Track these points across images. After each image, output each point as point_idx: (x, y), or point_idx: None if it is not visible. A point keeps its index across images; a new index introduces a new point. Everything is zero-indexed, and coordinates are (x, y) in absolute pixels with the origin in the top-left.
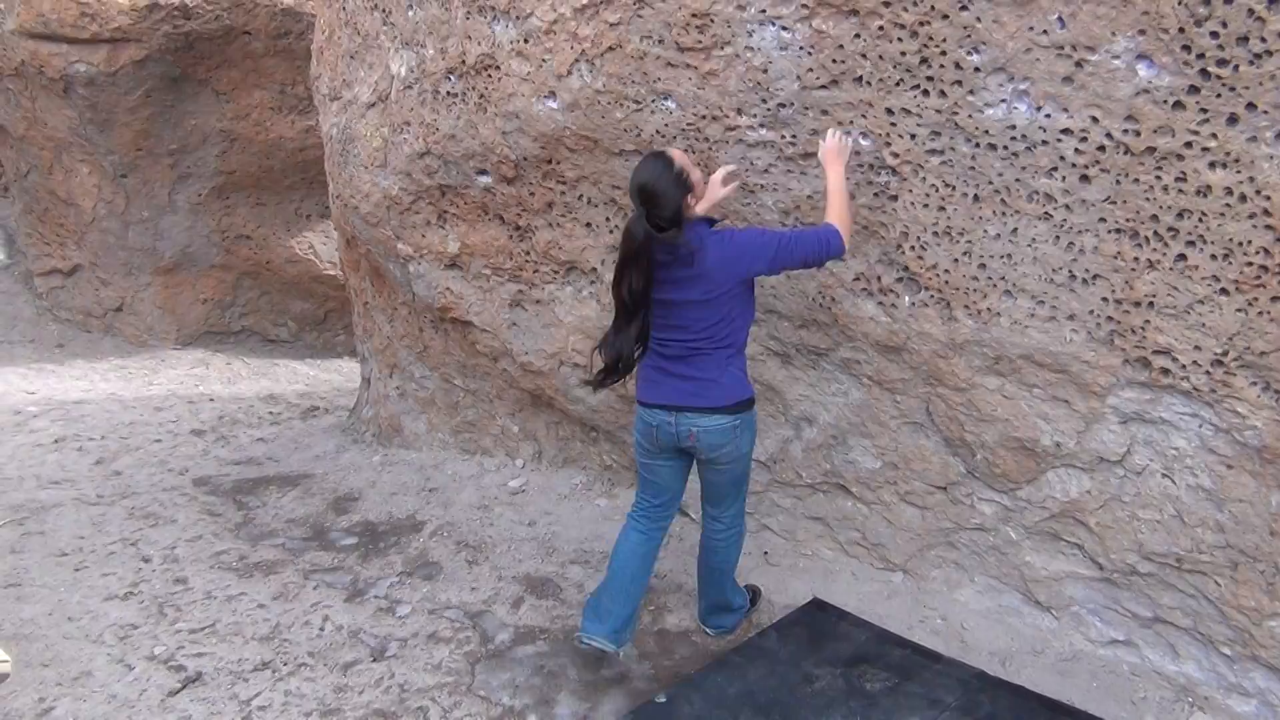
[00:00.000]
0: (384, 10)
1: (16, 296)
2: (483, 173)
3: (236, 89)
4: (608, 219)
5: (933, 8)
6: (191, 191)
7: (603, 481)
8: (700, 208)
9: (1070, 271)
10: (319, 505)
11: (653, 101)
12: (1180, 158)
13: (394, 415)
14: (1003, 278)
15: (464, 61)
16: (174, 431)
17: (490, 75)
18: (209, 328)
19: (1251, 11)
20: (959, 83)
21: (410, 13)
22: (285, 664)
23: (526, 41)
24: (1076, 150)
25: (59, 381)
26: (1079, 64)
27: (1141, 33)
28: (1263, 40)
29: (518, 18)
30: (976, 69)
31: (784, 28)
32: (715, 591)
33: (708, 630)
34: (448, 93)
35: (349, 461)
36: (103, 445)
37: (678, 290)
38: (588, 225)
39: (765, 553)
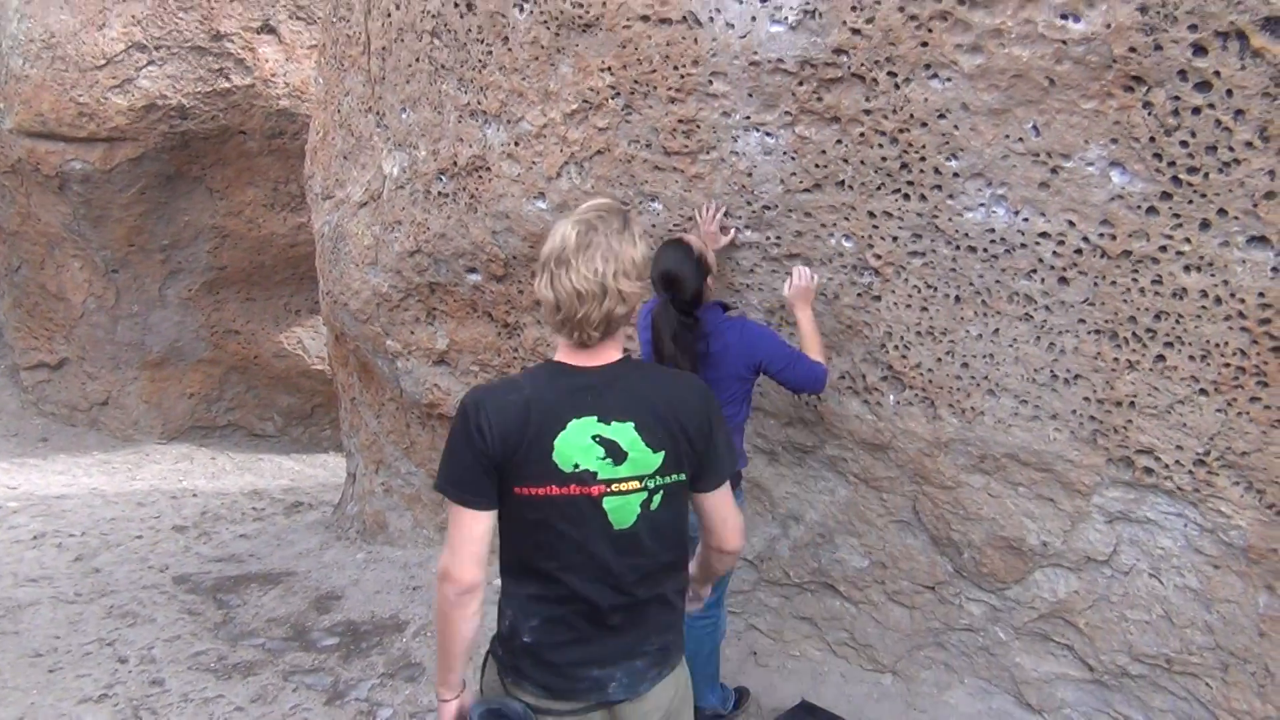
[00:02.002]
0: (378, 113)
1: (1, 390)
2: (472, 270)
3: (230, 186)
4: None
5: (912, 115)
6: (182, 286)
7: None
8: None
9: (1052, 371)
10: (301, 604)
11: (640, 203)
12: (1156, 261)
13: (379, 511)
14: (985, 377)
15: (455, 163)
16: (155, 527)
17: (481, 176)
18: (195, 422)
19: (1219, 122)
20: (939, 187)
21: (404, 115)
22: None
23: (517, 144)
24: (1054, 253)
25: (41, 476)
26: (1054, 170)
27: (1114, 141)
28: (1230, 149)
29: (509, 122)
30: (955, 174)
31: (768, 133)
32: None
33: None
34: (439, 193)
35: (332, 559)
36: (82, 542)
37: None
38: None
39: (754, 653)
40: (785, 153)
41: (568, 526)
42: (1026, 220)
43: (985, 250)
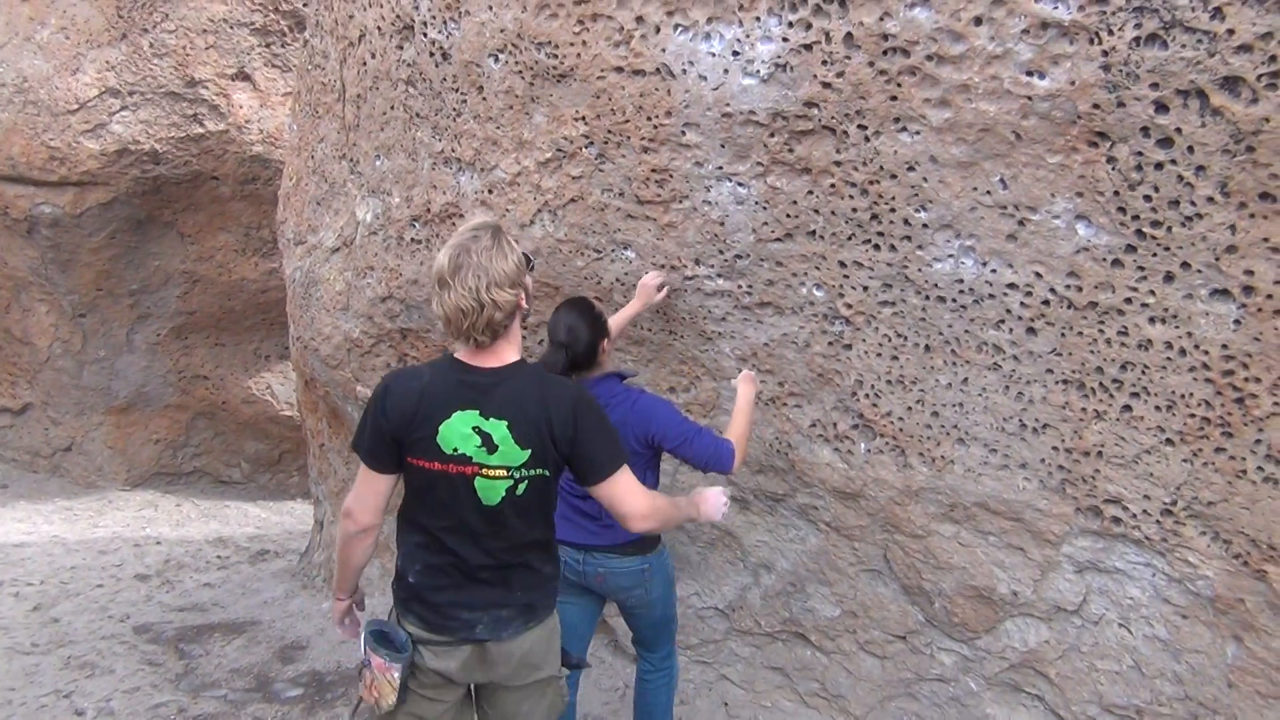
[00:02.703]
0: (352, 160)
1: None
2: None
3: (202, 231)
4: None
5: (881, 168)
6: (150, 331)
7: None
8: (636, 305)
9: (1020, 421)
10: (264, 654)
11: (613, 251)
12: (1121, 313)
13: None
14: (955, 426)
15: (429, 210)
16: (117, 576)
17: (455, 223)
18: (160, 468)
19: (1181, 178)
20: (908, 238)
21: (378, 163)
22: None
23: (491, 192)
24: (1022, 304)
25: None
26: (1021, 222)
27: (1079, 195)
28: (1193, 204)
29: (483, 169)
30: (924, 225)
31: (740, 183)
32: None
33: None
34: (412, 239)
35: (298, 608)
36: (41, 590)
37: None
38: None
39: (725, 703)
40: (757, 202)
41: (446, 497)
42: (994, 271)
43: (954, 300)
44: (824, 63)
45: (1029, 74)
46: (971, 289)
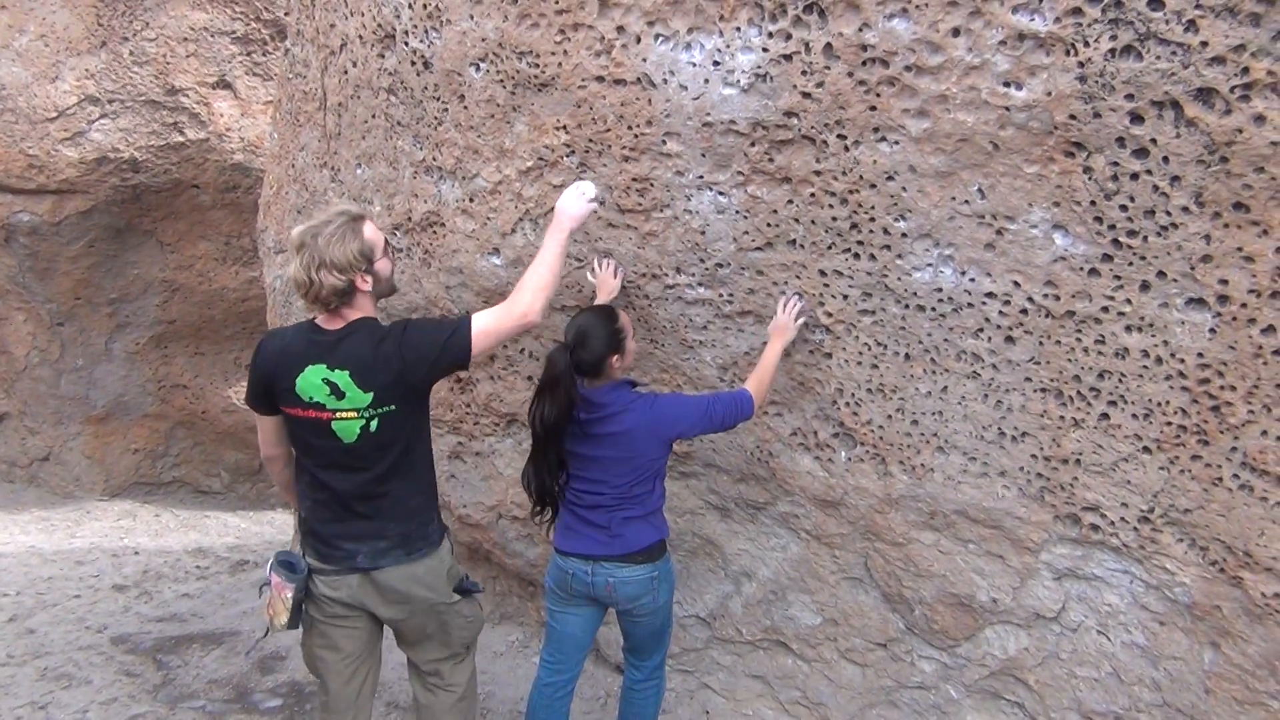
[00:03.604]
0: (333, 168)
1: None
2: None
3: (182, 240)
4: None
5: (861, 177)
6: (129, 340)
7: (540, 638)
8: (600, 299)
9: (999, 429)
10: (244, 664)
11: (596, 263)
12: (1098, 321)
13: None
14: (935, 434)
15: (410, 218)
16: (94, 586)
17: (435, 232)
18: (139, 478)
19: (1156, 188)
20: (888, 247)
21: (359, 171)
22: None
23: (472, 200)
24: (1001, 313)
25: None
26: (999, 232)
27: (1056, 204)
28: (1168, 214)
29: (464, 178)
30: (904, 234)
31: (720, 193)
32: None
33: None
34: (393, 248)
35: None
36: (17, 601)
37: (597, 446)
38: (529, 379)
39: (706, 712)
40: (738, 211)
41: (313, 438)
42: (973, 280)
43: (933, 309)
44: (804, 73)
45: (1006, 85)
46: (950, 298)
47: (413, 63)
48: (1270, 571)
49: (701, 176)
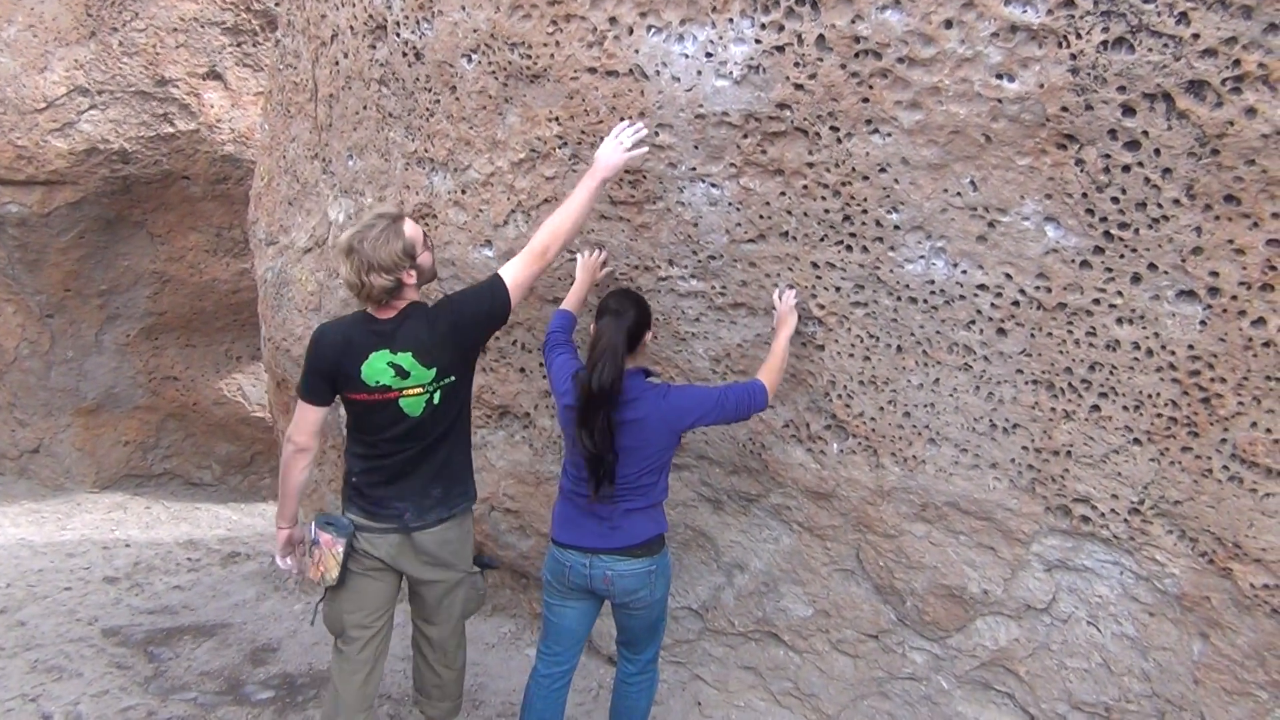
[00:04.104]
0: (324, 160)
1: None
2: None
3: (172, 231)
4: (541, 364)
5: (853, 169)
6: (120, 332)
7: (533, 630)
8: (583, 279)
9: (991, 421)
10: (235, 657)
11: (583, 251)
12: (1089, 313)
13: None
14: (927, 426)
15: (402, 210)
16: (85, 579)
17: (427, 223)
18: (129, 470)
19: (1148, 180)
20: (880, 239)
21: (350, 162)
22: None
23: (464, 192)
24: (992, 305)
25: None
26: (991, 224)
27: (1048, 197)
28: (1159, 206)
29: (456, 170)
30: (896, 227)
31: (713, 185)
32: None
33: None
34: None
35: (269, 610)
36: (7, 594)
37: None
38: (521, 370)
39: (698, 703)
40: (730, 204)
41: (377, 418)
42: (965, 273)
43: (925, 301)
44: (796, 64)
45: (999, 77)
46: (942, 290)
47: (404, 54)
48: (1259, 563)
49: (694, 168)
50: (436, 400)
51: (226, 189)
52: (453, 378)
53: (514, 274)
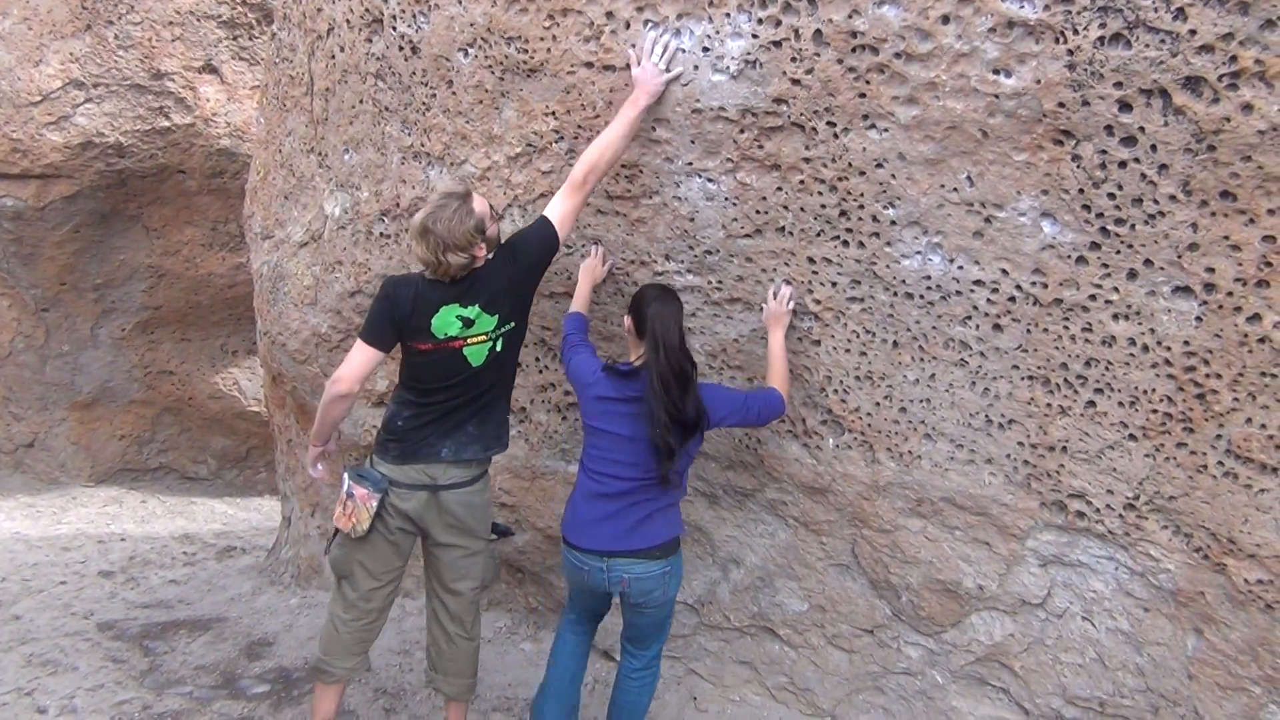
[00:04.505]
0: (320, 154)
1: None
2: None
3: (168, 225)
4: (537, 359)
5: (850, 164)
6: (115, 326)
7: (528, 624)
8: (586, 282)
9: (987, 416)
10: (231, 651)
11: (583, 246)
12: (1085, 309)
13: (314, 555)
14: (923, 421)
15: (398, 204)
16: (80, 573)
17: None
18: (125, 464)
19: (1144, 176)
20: (876, 235)
21: (346, 156)
22: None
23: None
24: (989, 300)
25: None
26: (988, 220)
27: (1045, 192)
28: (1155, 202)
29: (452, 164)
30: (893, 222)
31: (709, 179)
32: None
33: None
34: (380, 234)
35: (265, 604)
36: (2, 588)
37: (630, 424)
38: (517, 366)
39: (694, 698)
40: (727, 198)
41: (440, 368)
42: (961, 268)
43: (922, 297)
44: (793, 59)
45: (996, 72)
46: (939, 285)
47: (400, 48)
48: (1253, 558)
49: (690, 163)
50: (499, 347)
51: (222, 183)
52: (513, 323)
53: (559, 211)
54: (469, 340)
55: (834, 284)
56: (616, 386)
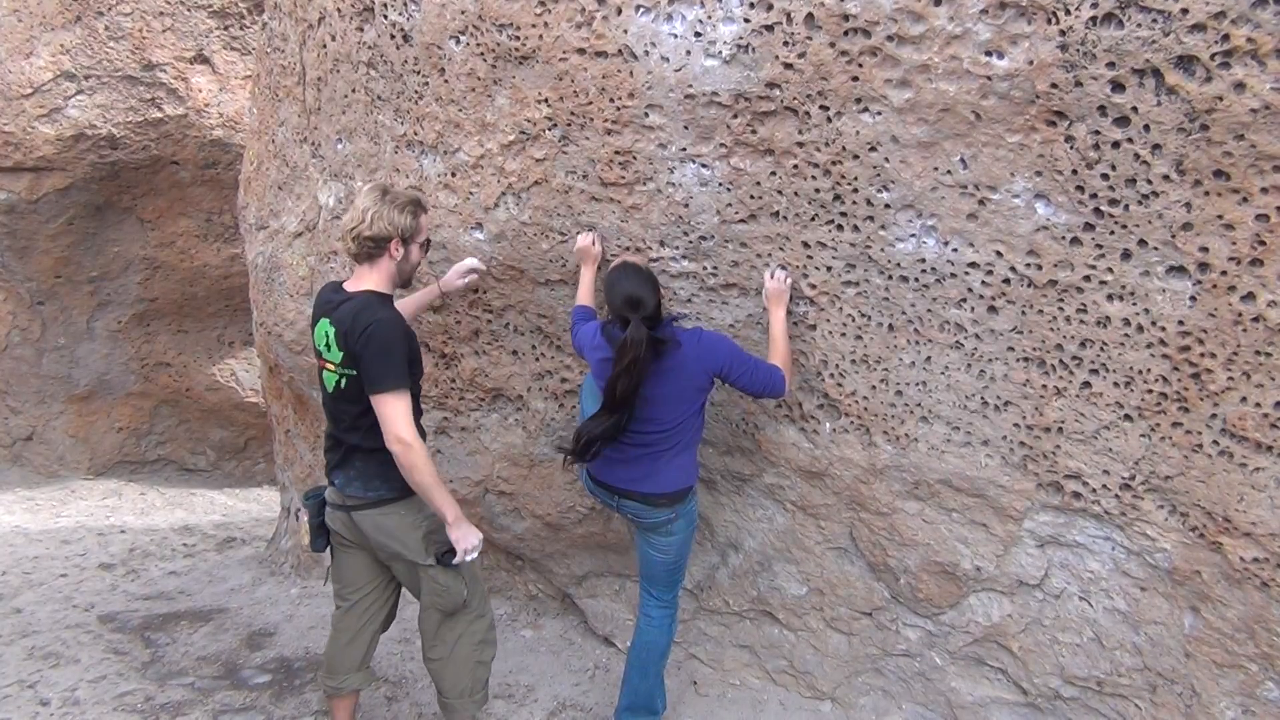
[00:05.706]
0: (313, 143)
1: None
2: None
3: (162, 217)
4: (534, 346)
5: (844, 148)
6: (111, 318)
7: (528, 612)
8: (589, 270)
9: (982, 398)
10: (232, 641)
11: (578, 233)
12: (1080, 290)
13: None
14: (919, 404)
15: None
16: (81, 565)
17: None
18: (123, 457)
19: (1138, 156)
20: (871, 218)
21: (339, 146)
22: None
23: (454, 175)
24: (983, 283)
25: None
26: (982, 202)
27: (1038, 174)
28: (1149, 182)
29: (445, 153)
30: (887, 205)
31: (703, 165)
32: (638, 678)
33: None
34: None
35: (265, 594)
36: (3, 581)
37: (651, 385)
38: (514, 353)
39: (694, 682)
40: (721, 184)
41: (319, 381)
42: (956, 251)
43: (917, 280)
44: (785, 44)
45: (988, 54)
46: (934, 268)
47: (392, 36)
48: (1249, 536)
49: (684, 149)
50: (344, 385)
51: (216, 174)
52: (353, 371)
53: (392, 409)
54: (328, 365)
55: (829, 268)
56: (613, 346)
